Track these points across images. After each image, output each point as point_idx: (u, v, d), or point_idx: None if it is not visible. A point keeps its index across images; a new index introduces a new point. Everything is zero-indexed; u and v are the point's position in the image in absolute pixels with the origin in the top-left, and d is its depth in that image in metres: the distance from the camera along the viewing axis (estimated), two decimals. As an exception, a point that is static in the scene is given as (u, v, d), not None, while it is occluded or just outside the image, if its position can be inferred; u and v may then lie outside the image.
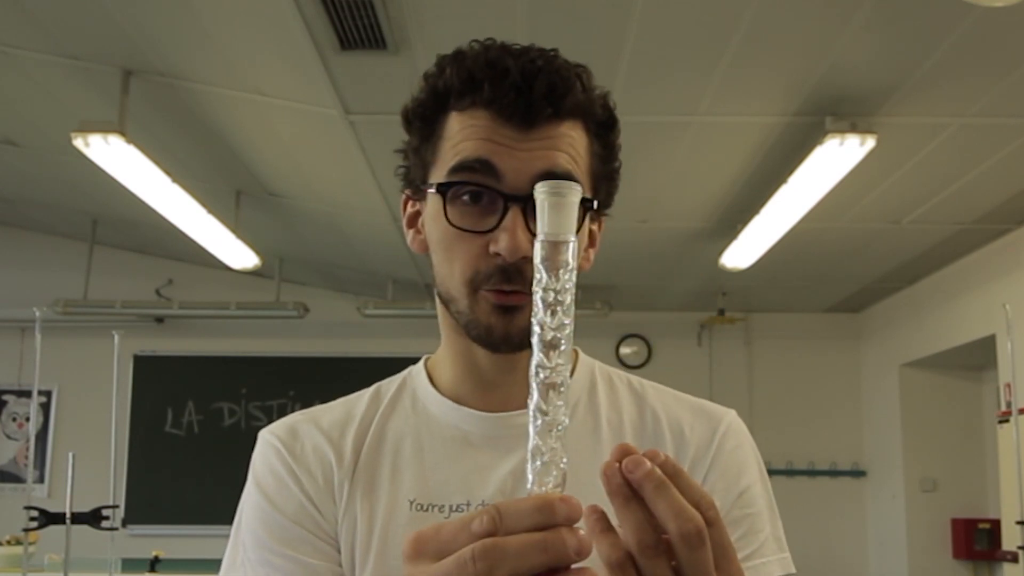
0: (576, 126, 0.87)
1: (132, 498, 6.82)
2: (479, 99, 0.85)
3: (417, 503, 0.90)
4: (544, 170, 0.84)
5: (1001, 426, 5.19)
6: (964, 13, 3.02)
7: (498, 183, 0.84)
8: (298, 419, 0.98)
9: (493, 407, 0.93)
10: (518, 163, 0.84)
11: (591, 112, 0.89)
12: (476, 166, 0.84)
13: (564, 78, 0.86)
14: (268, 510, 0.91)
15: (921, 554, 6.75)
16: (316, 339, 7.13)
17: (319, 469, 0.93)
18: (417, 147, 0.92)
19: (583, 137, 0.88)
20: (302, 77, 3.70)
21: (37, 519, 3.62)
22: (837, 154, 3.86)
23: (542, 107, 0.84)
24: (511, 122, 0.84)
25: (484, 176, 0.84)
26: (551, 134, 0.85)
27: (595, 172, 0.90)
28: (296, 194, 5.43)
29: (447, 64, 0.89)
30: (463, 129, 0.86)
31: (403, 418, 0.96)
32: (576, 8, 3.18)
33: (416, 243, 0.96)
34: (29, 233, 7.15)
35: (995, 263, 5.55)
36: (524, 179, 0.84)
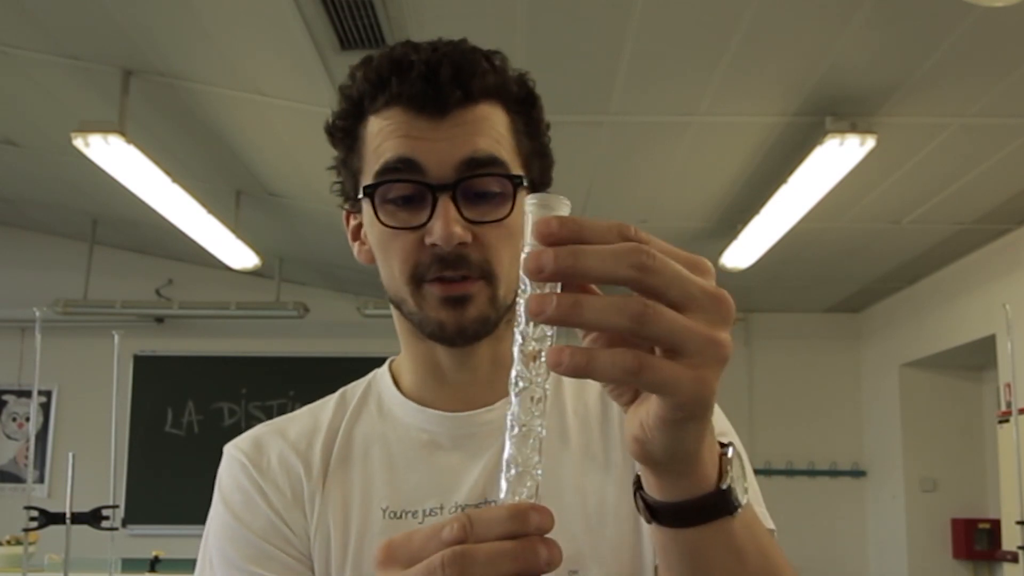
0: (494, 107, 0.87)
1: (132, 498, 6.83)
2: (390, 97, 0.85)
3: (390, 511, 0.89)
4: (466, 156, 0.84)
5: (1001, 426, 5.19)
6: (964, 13, 3.02)
7: (424, 177, 0.84)
8: (263, 432, 0.97)
9: (457, 407, 0.93)
10: (439, 154, 0.84)
11: (506, 91, 0.89)
12: (399, 166, 0.84)
13: (470, 61, 0.86)
14: (235, 527, 0.90)
15: (921, 554, 6.75)
16: (316, 339, 7.13)
17: (287, 483, 0.92)
18: (344, 159, 0.92)
19: (503, 116, 0.88)
20: (302, 77, 3.70)
21: (37, 519, 3.62)
22: (837, 154, 3.86)
23: (451, 91, 0.84)
24: (424, 113, 0.85)
25: (409, 174, 0.84)
26: (467, 118, 0.85)
27: (523, 150, 0.90)
28: (296, 194, 5.43)
29: (357, 71, 0.89)
30: (381, 131, 0.86)
31: (370, 423, 0.96)
32: (576, 8, 3.18)
33: (363, 255, 0.95)
34: (29, 233, 7.16)
35: (995, 263, 5.55)
36: (447, 168, 0.84)
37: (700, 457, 0.58)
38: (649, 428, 0.55)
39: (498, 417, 0.91)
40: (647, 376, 0.50)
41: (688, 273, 0.52)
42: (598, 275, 0.50)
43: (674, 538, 0.61)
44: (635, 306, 0.50)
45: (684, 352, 0.51)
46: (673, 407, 0.52)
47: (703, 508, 0.59)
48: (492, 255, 0.86)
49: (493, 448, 0.91)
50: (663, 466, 0.58)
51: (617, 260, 0.50)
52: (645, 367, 0.50)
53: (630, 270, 0.50)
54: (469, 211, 0.84)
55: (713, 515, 0.59)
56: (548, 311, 0.50)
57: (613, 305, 0.50)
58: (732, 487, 0.59)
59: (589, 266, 0.50)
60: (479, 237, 0.85)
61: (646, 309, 0.50)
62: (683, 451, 0.56)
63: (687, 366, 0.51)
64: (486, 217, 0.85)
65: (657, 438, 0.55)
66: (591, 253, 0.50)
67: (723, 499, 0.59)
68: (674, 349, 0.51)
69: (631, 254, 0.50)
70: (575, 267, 0.50)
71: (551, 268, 0.50)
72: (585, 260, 0.50)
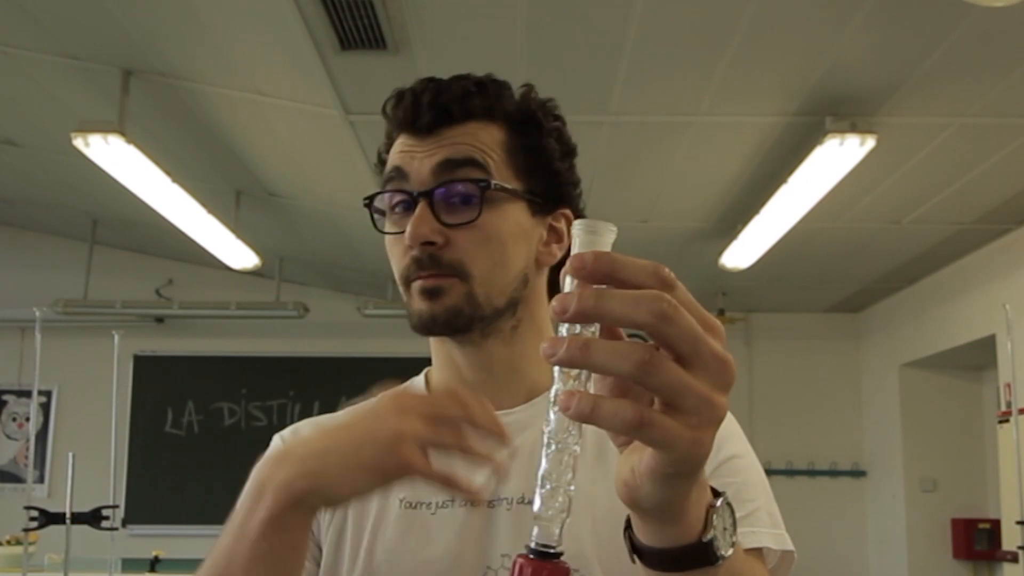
0: (486, 126, 0.95)
1: (132, 498, 6.82)
2: (395, 124, 0.98)
3: (407, 501, 0.94)
4: (441, 160, 0.93)
5: (1001, 426, 5.19)
6: (964, 13, 3.02)
7: (407, 184, 0.94)
8: (305, 423, 1.04)
9: None
10: (418, 162, 0.93)
11: (501, 111, 0.96)
12: (392, 175, 0.95)
13: (456, 86, 0.95)
14: None
15: (921, 554, 6.75)
16: (316, 339, 7.13)
17: None
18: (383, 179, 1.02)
19: (497, 133, 0.95)
20: (302, 77, 3.70)
21: (37, 519, 3.62)
22: (837, 154, 3.86)
23: (429, 113, 0.94)
24: (413, 131, 0.95)
25: (399, 183, 0.94)
26: (451, 134, 0.94)
27: (519, 163, 0.96)
28: (296, 194, 5.43)
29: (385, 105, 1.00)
30: (391, 153, 0.98)
31: None
32: (576, 8, 3.18)
33: None
34: (29, 233, 7.16)
35: (995, 263, 5.55)
36: (425, 174, 0.93)
37: (685, 509, 0.59)
38: (640, 475, 0.56)
39: (516, 420, 0.95)
40: (646, 432, 0.52)
41: (702, 331, 0.53)
42: (617, 319, 0.52)
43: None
44: (641, 354, 0.51)
45: (681, 408, 0.53)
46: (666, 463, 0.54)
47: (684, 557, 0.61)
48: (463, 256, 0.92)
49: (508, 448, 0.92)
50: (650, 513, 0.59)
51: (637, 306, 0.51)
52: (646, 423, 0.52)
53: (649, 316, 0.51)
54: (445, 215, 0.92)
55: (695, 565, 0.61)
56: (559, 353, 0.52)
57: (620, 351, 0.52)
58: (715, 539, 0.60)
59: (609, 309, 0.52)
60: (452, 240, 0.92)
61: (652, 359, 0.51)
62: (669, 503, 0.58)
63: (684, 425, 0.52)
64: (458, 220, 0.92)
65: (646, 487, 0.56)
66: (614, 297, 0.52)
67: (705, 550, 0.60)
68: (672, 404, 0.53)
69: (653, 301, 0.51)
70: (597, 309, 0.52)
71: (573, 310, 0.52)
72: (607, 303, 0.52)
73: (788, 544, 0.87)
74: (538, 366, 0.99)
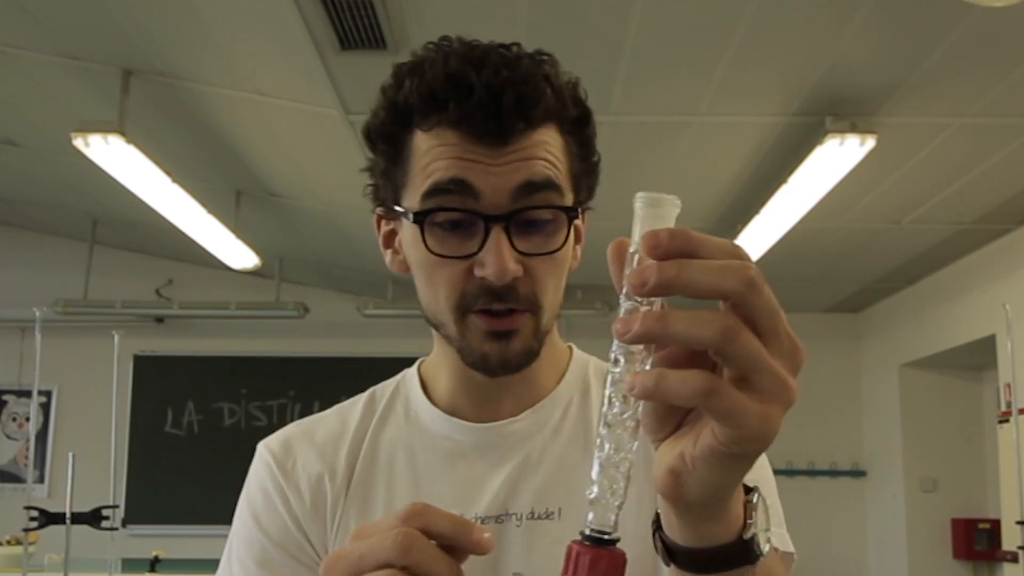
0: (550, 129, 0.84)
1: (132, 498, 6.82)
2: (445, 119, 0.81)
3: None
4: (522, 182, 0.80)
5: (1001, 426, 5.19)
6: (964, 13, 3.02)
7: (476, 203, 0.80)
8: (293, 432, 0.97)
9: (484, 417, 0.92)
10: (494, 180, 0.80)
11: (564, 112, 0.85)
12: (451, 187, 0.80)
13: (533, 85, 0.81)
14: (254, 529, 0.91)
15: (921, 554, 6.75)
16: (316, 339, 7.13)
17: (308, 489, 0.92)
18: (385, 169, 0.88)
19: (558, 139, 0.85)
20: (302, 77, 3.70)
21: (37, 519, 3.62)
22: (837, 154, 3.86)
23: (513, 122, 0.80)
24: (483, 140, 0.80)
25: (461, 197, 0.80)
26: (525, 144, 0.81)
27: (575, 172, 0.87)
28: (296, 194, 5.43)
29: (405, 77, 0.84)
30: (431, 150, 0.82)
31: (396, 429, 0.95)
32: (576, 8, 3.18)
33: (396, 264, 0.93)
34: (29, 233, 7.15)
35: (995, 263, 5.55)
36: (503, 196, 0.80)
37: (729, 504, 0.56)
38: (693, 459, 0.52)
39: (522, 428, 0.92)
40: (716, 401, 0.49)
41: (780, 309, 0.50)
42: (702, 287, 0.49)
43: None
44: (725, 320, 0.48)
45: (755, 384, 0.49)
46: (731, 439, 0.50)
47: (725, 557, 0.58)
48: (539, 287, 0.83)
49: (515, 459, 0.91)
50: (692, 506, 0.55)
51: (724, 274, 0.49)
52: (716, 391, 0.48)
53: (738, 284, 0.48)
54: (521, 242, 0.81)
55: (734, 564, 0.58)
56: (633, 329, 0.49)
57: (701, 318, 0.48)
58: (755, 536, 0.58)
59: (693, 278, 0.48)
60: (529, 269, 0.82)
61: (735, 325, 0.48)
62: (719, 492, 0.54)
63: (756, 400, 0.49)
64: (539, 249, 0.82)
65: (699, 472, 0.53)
66: (699, 266, 0.49)
67: (745, 549, 0.57)
68: (746, 378, 0.49)
69: (742, 269, 0.49)
70: (679, 279, 0.48)
71: (654, 281, 0.48)
72: (691, 273, 0.48)
73: (790, 546, 0.86)
74: (547, 368, 0.95)
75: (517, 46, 0.85)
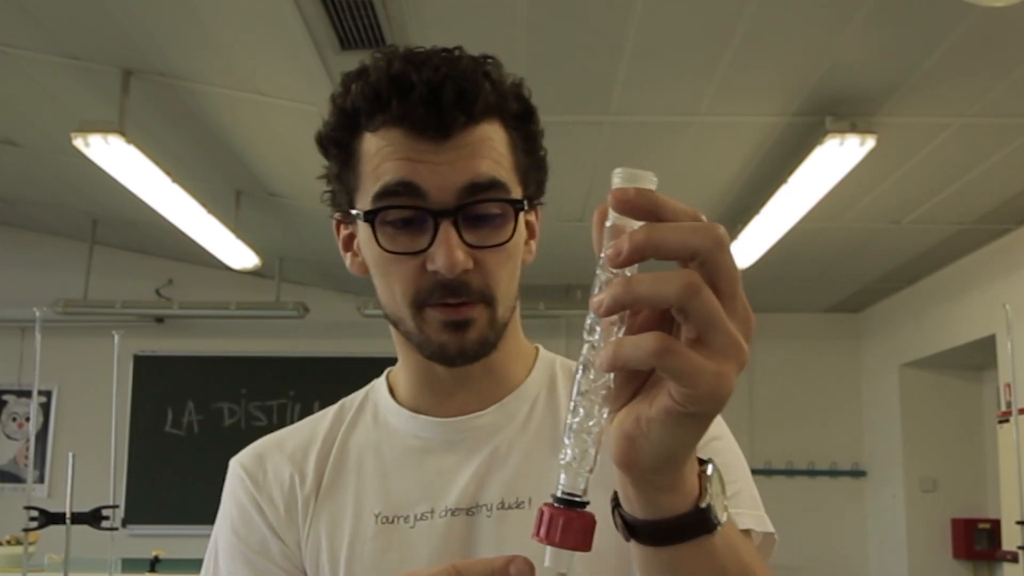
0: (493, 125, 0.86)
1: (132, 498, 6.82)
2: (389, 117, 0.83)
3: (382, 516, 0.90)
4: (468, 180, 0.82)
5: (1001, 426, 5.19)
6: (964, 13, 3.02)
7: (424, 201, 0.82)
8: (264, 445, 0.99)
9: (450, 413, 0.94)
10: (440, 178, 0.82)
11: (506, 108, 0.87)
12: (399, 189, 0.83)
13: (472, 80, 0.83)
14: (235, 542, 0.93)
15: (921, 554, 6.75)
16: (316, 339, 7.13)
17: (280, 496, 0.94)
18: (338, 173, 0.91)
19: (502, 134, 0.86)
20: (302, 77, 3.70)
21: (37, 519, 3.62)
22: (837, 154, 3.86)
23: (454, 116, 0.82)
24: (425, 136, 0.82)
25: (409, 198, 0.83)
26: (468, 140, 0.83)
27: (520, 166, 0.88)
28: (296, 194, 5.43)
29: (351, 83, 0.86)
30: (379, 151, 0.84)
31: (365, 433, 0.97)
32: (576, 8, 3.18)
33: (355, 266, 0.95)
34: (29, 233, 7.15)
35: (995, 263, 5.55)
36: (449, 193, 0.82)
37: (683, 471, 0.57)
38: (649, 421, 0.54)
39: (489, 422, 0.93)
40: (671, 359, 0.50)
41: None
42: (672, 246, 0.51)
43: (654, 556, 0.61)
44: (688, 276, 0.50)
45: (711, 344, 0.51)
46: (687, 398, 0.52)
47: (682, 527, 0.59)
48: (491, 280, 0.85)
49: (484, 452, 0.91)
50: (647, 472, 0.57)
51: (695, 231, 0.51)
52: (671, 349, 0.50)
53: (707, 241, 0.51)
54: (470, 235, 0.83)
55: (692, 534, 0.59)
56: (605, 302, 0.51)
57: (663, 277, 0.50)
58: (711, 505, 0.59)
59: (664, 237, 0.51)
60: (480, 262, 0.84)
61: (697, 281, 0.50)
62: (673, 455, 0.56)
63: (710, 359, 0.51)
64: (487, 241, 0.84)
65: (654, 433, 0.54)
66: (669, 226, 0.51)
67: (702, 517, 0.59)
68: (702, 338, 0.51)
69: (712, 227, 0.51)
70: (650, 239, 0.50)
71: (627, 247, 0.51)
72: (662, 232, 0.51)
73: (769, 526, 0.86)
74: (512, 364, 0.96)
75: (460, 49, 0.87)
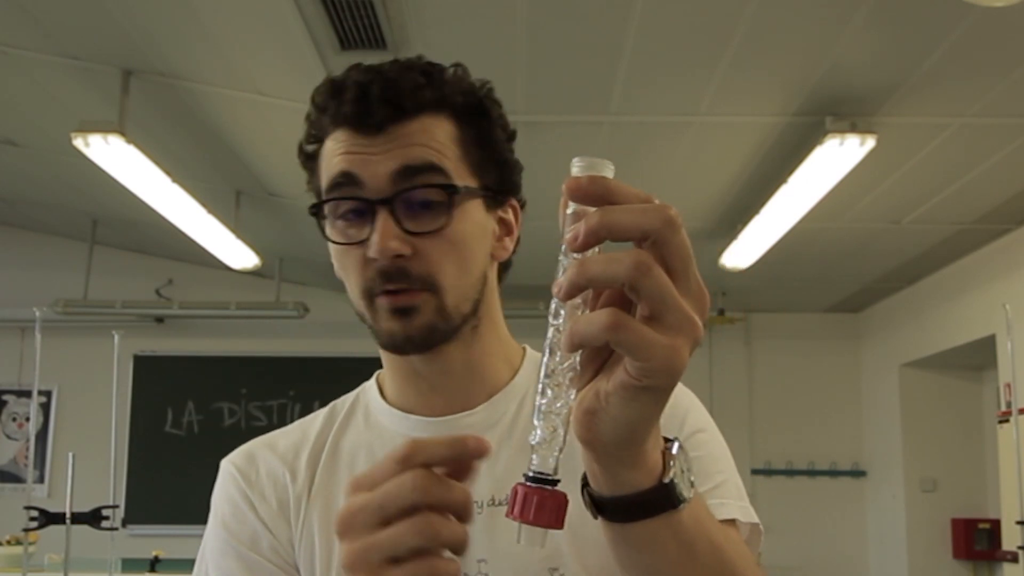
0: (436, 118, 0.88)
1: (132, 498, 6.82)
2: (334, 119, 0.88)
3: None
4: (400, 166, 0.85)
5: (1001, 426, 5.19)
6: (964, 13, 3.02)
7: (362, 190, 0.86)
8: (256, 444, 1.01)
9: (437, 411, 0.94)
10: (374, 167, 0.85)
11: (449, 102, 0.89)
12: (341, 180, 0.86)
13: (404, 77, 0.88)
14: (226, 538, 0.93)
15: (921, 554, 6.75)
16: (316, 339, 7.12)
17: (272, 493, 0.94)
18: (310, 181, 0.94)
19: (448, 127, 0.89)
20: (302, 77, 3.70)
21: (37, 519, 3.63)
22: (837, 154, 3.86)
23: (382, 109, 0.86)
24: (360, 131, 0.86)
25: (349, 188, 0.86)
26: (403, 132, 0.86)
27: (472, 159, 0.90)
28: (296, 194, 5.42)
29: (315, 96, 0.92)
30: (330, 151, 0.89)
31: (356, 433, 0.98)
32: (576, 8, 3.18)
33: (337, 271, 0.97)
34: (29, 233, 7.15)
35: (995, 263, 5.55)
36: (383, 180, 0.85)
37: (645, 447, 0.59)
38: (607, 395, 0.56)
39: (478, 421, 0.93)
40: (624, 334, 0.52)
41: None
42: (626, 226, 0.53)
43: (623, 533, 0.63)
44: (638, 255, 0.52)
45: (664, 320, 0.53)
46: (641, 371, 0.54)
47: (647, 502, 0.60)
48: (433, 267, 0.86)
49: None
50: (608, 447, 0.58)
51: (646, 212, 0.54)
52: (622, 325, 0.52)
53: (657, 221, 0.53)
54: (409, 223, 0.85)
55: (657, 509, 0.61)
56: (564, 286, 0.54)
57: (614, 257, 0.53)
58: (675, 481, 0.60)
59: (617, 219, 0.53)
60: (420, 249, 0.85)
61: (647, 260, 0.52)
62: (632, 429, 0.57)
63: (663, 334, 0.53)
64: (424, 228, 0.86)
65: (613, 407, 0.56)
66: (621, 208, 0.54)
67: (666, 493, 0.60)
68: (655, 315, 0.53)
69: (662, 208, 0.54)
70: (603, 221, 0.53)
71: (583, 230, 0.53)
72: (613, 214, 0.53)
73: (754, 516, 0.88)
74: (497, 363, 0.97)
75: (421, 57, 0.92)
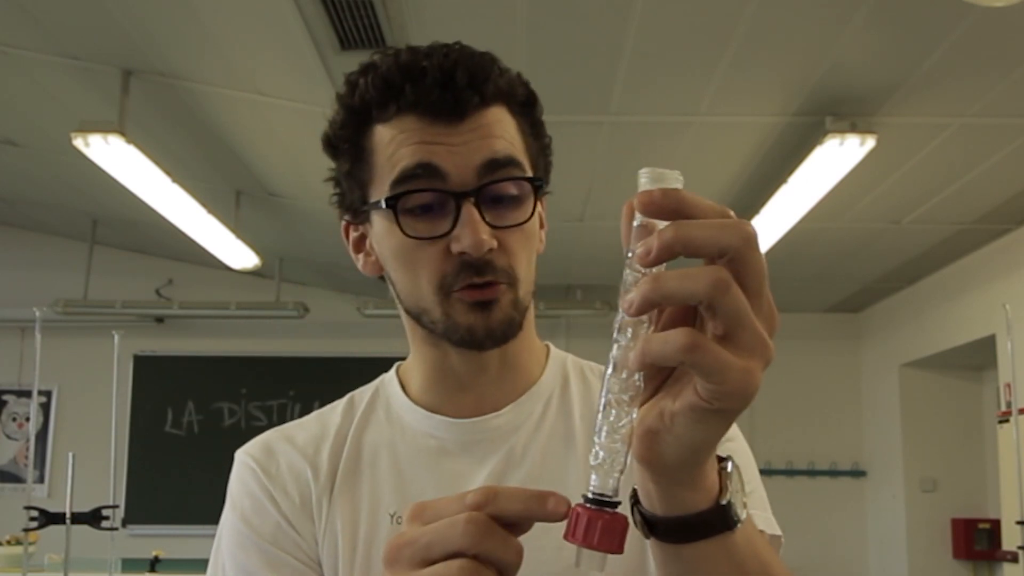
0: (501, 110, 0.87)
1: (132, 498, 6.82)
2: (403, 104, 0.84)
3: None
4: (487, 158, 0.83)
5: (1001, 426, 5.19)
6: (964, 13, 3.02)
7: (445, 183, 0.83)
8: (273, 437, 0.97)
9: (465, 412, 0.93)
10: (459, 158, 0.83)
11: (513, 93, 0.88)
12: (419, 172, 0.83)
13: (481, 65, 0.85)
14: (246, 532, 0.90)
15: (921, 554, 6.75)
16: (316, 339, 7.13)
17: (295, 488, 0.92)
18: (349, 170, 0.91)
19: (510, 119, 0.88)
20: (302, 77, 3.70)
21: (37, 519, 3.62)
22: (837, 154, 3.86)
23: (468, 97, 0.83)
24: (441, 119, 0.83)
25: (429, 180, 0.83)
26: (482, 122, 0.84)
27: (531, 151, 0.89)
28: (296, 194, 5.43)
29: (359, 78, 0.87)
30: (394, 139, 0.85)
31: (378, 429, 0.96)
32: (576, 8, 3.18)
33: (368, 266, 0.96)
34: (29, 233, 7.16)
35: (995, 263, 5.55)
36: (468, 173, 0.83)
37: (705, 468, 0.57)
38: (673, 416, 0.54)
39: (505, 422, 0.92)
40: (700, 356, 0.50)
41: None
42: (702, 243, 0.51)
43: (674, 553, 0.60)
44: (717, 272, 0.50)
45: (738, 341, 0.51)
46: (714, 394, 0.52)
47: (703, 524, 0.59)
48: (514, 260, 0.85)
49: (499, 453, 0.91)
50: (668, 468, 0.56)
51: (724, 228, 0.51)
52: (700, 345, 0.50)
53: (736, 239, 0.51)
54: (491, 216, 0.83)
55: (713, 531, 0.59)
56: (635, 302, 0.51)
57: (691, 273, 0.50)
58: (732, 502, 0.59)
59: (692, 234, 0.51)
60: (502, 242, 0.84)
61: (726, 277, 0.50)
62: (696, 451, 0.56)
63: (738, 356, 0.51)
64: (508, 221, 0.84)
65: (678, 428, 0.54)
66: (697, 224, 0.51)
67: (723, 514, 0.59)
68: (729, 335, 0.51)
69: (741, 224, 0.51)
70: (677, 237, 0.51)
71: (656, 245, 0.51)
72: (688, 229, 0.51)
73: (777, 528, 0.87)
74: (529, 361, 0.96)
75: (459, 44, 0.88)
